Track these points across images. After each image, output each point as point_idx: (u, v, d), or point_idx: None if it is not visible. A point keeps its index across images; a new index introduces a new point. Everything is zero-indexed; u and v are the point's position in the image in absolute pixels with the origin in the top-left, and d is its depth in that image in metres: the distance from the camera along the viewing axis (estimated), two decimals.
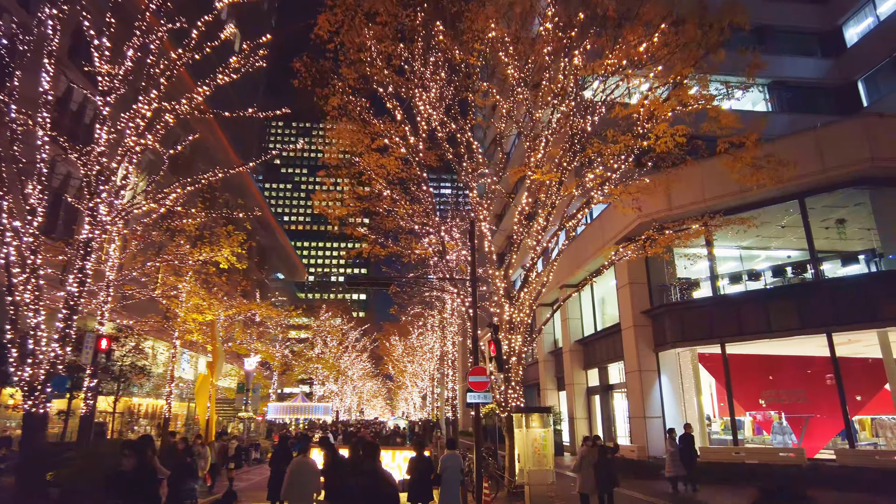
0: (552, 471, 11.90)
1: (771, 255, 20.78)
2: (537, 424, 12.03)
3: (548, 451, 11.88)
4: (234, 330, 31.39)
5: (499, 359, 10.49)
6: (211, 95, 19.46)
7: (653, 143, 12.98)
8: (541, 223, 14.02)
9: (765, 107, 30.45)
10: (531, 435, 11.89)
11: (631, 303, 20.04)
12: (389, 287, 14.13)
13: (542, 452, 11.81)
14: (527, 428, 12.00)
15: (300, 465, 7.89)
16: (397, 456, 15.00)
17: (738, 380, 17.33)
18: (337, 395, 62.94)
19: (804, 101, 29.98)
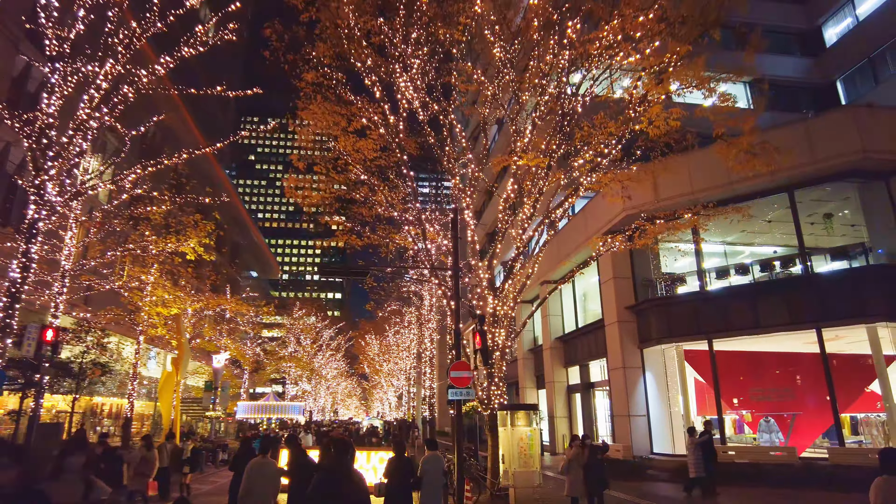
0: (539, 472, 11.19)
1: (755, 252, 20.43)
2: (523, 423, 11.30)
3: (534, 451, 11.16)
4: (202, 326, 30.12)
5: (484, 351, 9.73)
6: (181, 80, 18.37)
7: (645, 126, 12.36)
8: (527, 212, 13.30)
9: (746, 104, 30.34)
10: (517, 434, 11.16)
11: (615, 298, 19.48)
12: (366, 278, 13.24)
13: (529, 453, 11.09)
14: (512, 427, 11.26)
15: (259, 466, 7.02)
16: (372, 457, 14.13)
17: (725, 377, 16.87)
18: (310, 395, 61.58)
19: (785, 99, 29.93)
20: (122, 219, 19.53)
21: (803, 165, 15.73)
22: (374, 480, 13.19)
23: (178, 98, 34.08)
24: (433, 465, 8.27)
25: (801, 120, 16.39)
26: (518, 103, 14.00)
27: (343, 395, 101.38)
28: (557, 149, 13.02)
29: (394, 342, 46.25)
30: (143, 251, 19.48)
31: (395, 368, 49.34)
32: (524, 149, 13.34)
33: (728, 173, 17.01)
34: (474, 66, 14.78)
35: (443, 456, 13.99)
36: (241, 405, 32.61)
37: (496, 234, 13.93)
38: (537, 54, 12.75)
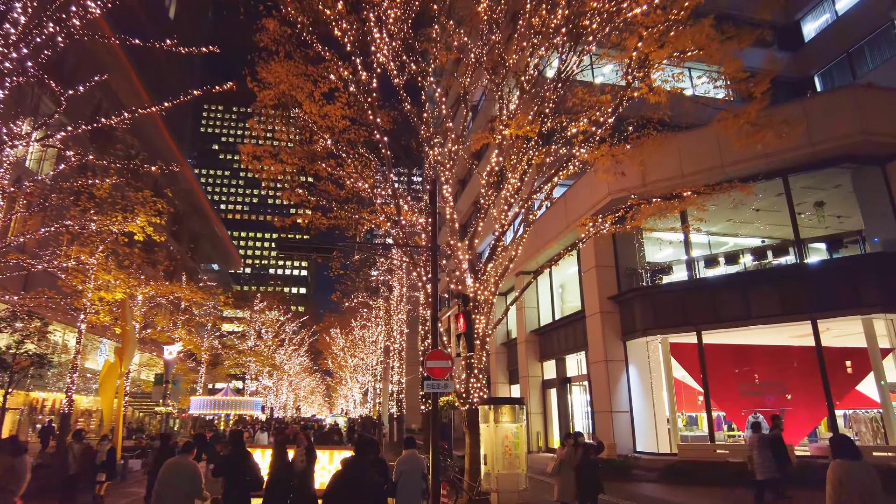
0: (525, 474, 9.94)
1: (738, 243, 19.70)
2: (508, 419, 10.03)
3: (521, 450, 9.90)
4: (154, 315, 27.98)
5: (469, 336, 8.39)
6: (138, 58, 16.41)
7: (645, 92, 11.21)
8: (512, 186, 12.00)
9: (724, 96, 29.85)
10: (501, 432, 9.88)
11: (597, 287, 18.41)
12: (332, 255, 11.66)
13: (514, 452, 9.82)
14: (496, 423, 9.97)
15: (171, 468, 5.99)
16: (336, 457, 12.64)
17: (713, 371, 15.96)
18: (271, 391, 59.33)
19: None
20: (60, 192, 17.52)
21: (801, 148, 14.90)
22: None
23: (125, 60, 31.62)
24: (411, 466, 6.92)
25: (798, 100, 15.57)
26: (505, 68, 12.68)
27: (306, 392, 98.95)
28: (549, 116, 11.76)
29: (360, 336, 44.57)
30: (83, 228, 17.52)
31: (360, 364, 47.67)
32: (511, 116, 12.05)
33: (720, 156, 16.16)
34: (457, 28, 13.42)
35: None
36: (194, 400, 30.52)
37: (478, 212, 12.61)
38: (530, 8, 11.46)
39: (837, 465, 5.02)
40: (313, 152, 14.95)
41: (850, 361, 14.98)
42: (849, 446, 5.12)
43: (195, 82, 75.26)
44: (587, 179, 19.10)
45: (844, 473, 4.95)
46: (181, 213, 53.02)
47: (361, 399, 50.80)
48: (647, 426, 17.22)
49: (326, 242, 11.44)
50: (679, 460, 14.11)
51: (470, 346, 8.31)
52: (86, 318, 20.78)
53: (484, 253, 14.18)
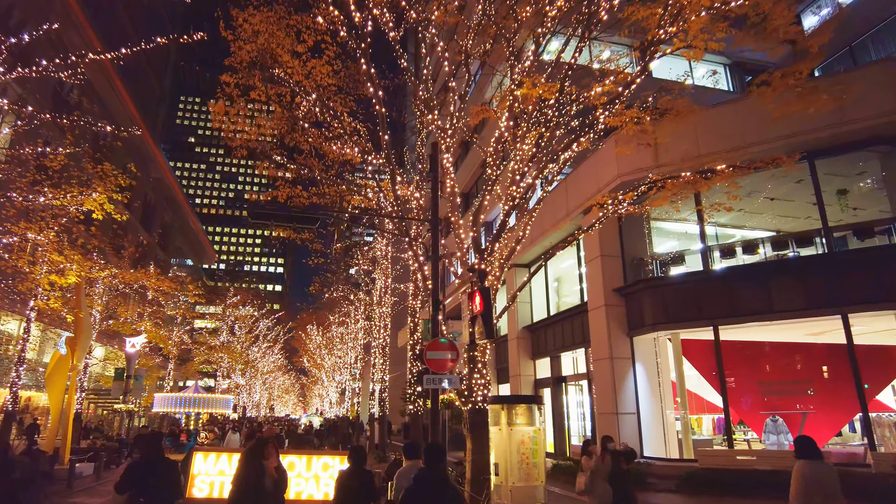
0: (544, 487, 8.40)
1: (746, 236, 18.49)
2: (524, 421, 8.49)
3: (538, 458, 8.37)
4: (117, 305, 25.83)
5: (488, 318, 6.80)
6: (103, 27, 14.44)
7: (680, 47, 9.77)
8: (527, 151, 10.44)
9: (726, 87, 28.91)
10: (516, 436, 8.34)
11: (602, 279, 16.97)
12: (313, 225, 9.88)
13: (531, 461, 8.29)
14: (509, 426, 8.43)
15: None
16: (314, 464, 10.91)
17: (731, 370, 14.64)
18: (244, 390, 56.99)
19: None
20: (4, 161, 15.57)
21: (829, 127, 13.66)
22: (317, 494, 10.15)
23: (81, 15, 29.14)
24: None
25: (832, 74, 14.34)
26: (517, 21, 11.12)
27: (280, 391, 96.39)
28: (571, 69, 10.23)
29: (338, 334, 42.67)
30: (28, 201, 15.52)
31: (338, 362, 45.75)
32: (525, 73, 10.50)
33: (741, 136, 14.85)
34: None
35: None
36: (158, 397, 28.35)
37: (484, 184, 11.04)
38: None
39: (802, 464, 5.39)
40: (294, 120, 13.25)
41: (878, 361, 13.80)
42: (812, 448, 5.49)
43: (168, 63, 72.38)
44: (592, 162, 17.70)
45: (809, 473, 5.30)
46: (152, 202, 50.49)
47: (338, 399, 48.85)
48: (656, 429, 15.85)
49: (308, 211, 9.75)
50: (699, 468, 12.71)
51: (489, 331, 6.74)
52: (35, 306, 18.70)
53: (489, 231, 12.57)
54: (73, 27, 27.96)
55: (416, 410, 16.19)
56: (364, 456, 5.50)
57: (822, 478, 5.25)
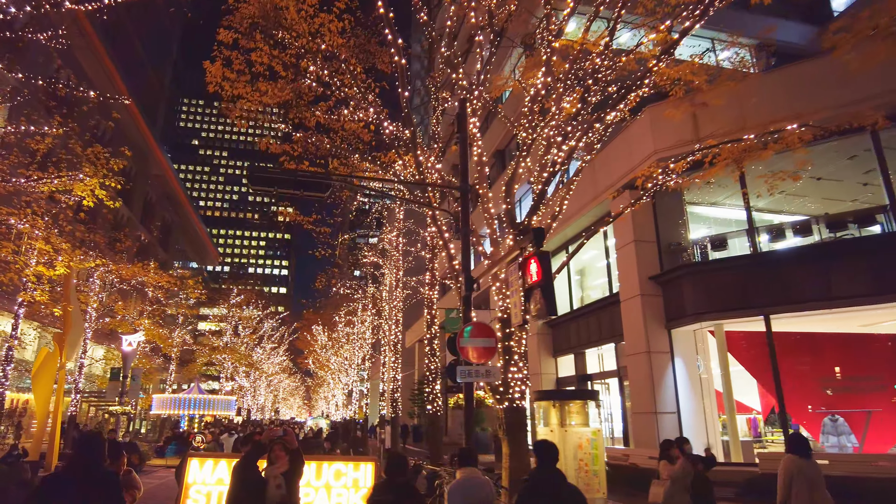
0: (605, 499, 7.01)
1: (784, 222, 17.05)
2: (579, 421, 7.11)
3: (598, 465, 6.98)
4: (114, 301, 24.52)
5: (548, 289, 5.39)
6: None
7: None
8: (568, 109, 9.05)
9: (752, 71, 27.46)
10: (571, 439, 6.94)
11: (636, 266, 15.54)
12: (322, 194, 8.43)
13: (591, 469, 6.90)
14: (561, 427, 7.04)
15: None
16: (325, 471, 9.52)
17: (785, 364, 13.18)
18: (248, 392, 55.66)
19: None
20: None
21: None
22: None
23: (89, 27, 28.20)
24: (474, 495, 3.97)
25: None
26: None
27: (285, 394, 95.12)
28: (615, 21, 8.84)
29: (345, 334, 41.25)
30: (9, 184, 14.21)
31: (345, 363, 44.33)
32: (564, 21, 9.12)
33: (790, 104, 13.40)
34: None
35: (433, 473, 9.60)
36: (157, 399, 27.01)
37: (518, 148, 9.66)
38: None
39: (790, 459, 5.80)
40: (299, 91, 11.90)
41: None
42: (804, 444, 5.90)
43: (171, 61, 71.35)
44: (623, 139, 16.30)
45: (796, 468, 5.74)
46: (152, 200, 49.28)
47: (345, 400, 47.45)
48: (698, 430, 14.41)
49: (317, 175, 8.36)
50: (761, 473, 11.25)
51: (551, 305, 5.35)
52: (24, 300, 17.37)
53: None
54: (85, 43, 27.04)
55: (435, 410, 14.82)
56: (403, 465, 4.15)
57: (808, 473, 5.73)
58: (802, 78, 13.55)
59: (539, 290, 5.55)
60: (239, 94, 11.11)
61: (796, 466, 5.75)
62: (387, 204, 22.94)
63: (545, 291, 5.48)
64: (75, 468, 4.21)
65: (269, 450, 5.19)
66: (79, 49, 28.07)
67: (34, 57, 22.69)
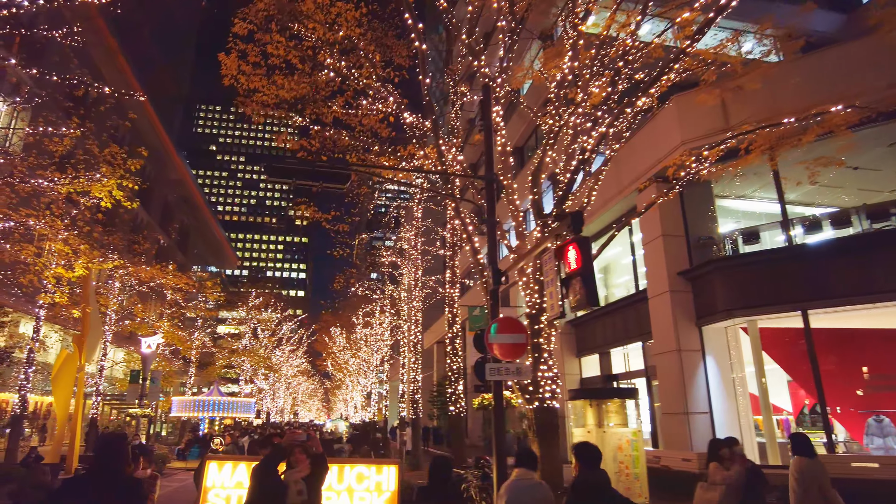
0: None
1: (819, 213, 16.37)
2: (618, 421, 6.70)
3: (640, 468, 6.55)
4: (133, 304, 24.52)
5: (588, 277, 4.96)
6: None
7: None
8: (597, 94, 8.62)
9: (775, 58, 26.67)
10: (610, 440, 6.52)
11: (664, 261, 15.00)
12: (342, 185, 8.09)
13: (632, 472, 6.47)
14: (599, 427, 6.62)
15: None
16: (347, 474, 9.19)
17: (826, 362, 12.56)
18: (268, 395, 55.77)
19: None
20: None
21: None
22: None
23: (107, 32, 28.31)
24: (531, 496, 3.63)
25: None
26: None
27: (304, 396, 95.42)
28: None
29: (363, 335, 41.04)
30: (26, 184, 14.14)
31: (363, 365, 44.15)
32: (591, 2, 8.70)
33: (833, 85, 12.78)
34: None
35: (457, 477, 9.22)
36: (176, 401, 26.98)
37: (543, 137, 9.25)
38: None
39: (798, 461, 5.91)
40: (317, 85, 11.62)
41: None
42: (808, 445, 6.03)
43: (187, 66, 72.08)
44: (648, 131, 15.79)
45: (807, 469, 5.84)
46: (170, 203, 49.58)
47: (364, 402, 47.26)
48: (732, 431, 13.79)
49: (336, 165, 8.04)
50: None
51: (592, 295, 4.90)
52: (43, 302, 17.36)
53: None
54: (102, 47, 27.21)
55: (457, 412, 14.42)
56: (447, 469, 3.81)
57: (815, 473, 5.76)
58: (845, 59, 12.97)
59: (579, 278, 5.14)
60: (255, 87, 10.84)
61: (806, 467, 5.80)
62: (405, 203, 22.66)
63: (586, 279, 5.07)
64: (94, 471, 3.90)
65: (289, 454, 4.85)
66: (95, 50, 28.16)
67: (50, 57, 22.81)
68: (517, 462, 4.08)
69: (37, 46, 18.05)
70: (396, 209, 23.73)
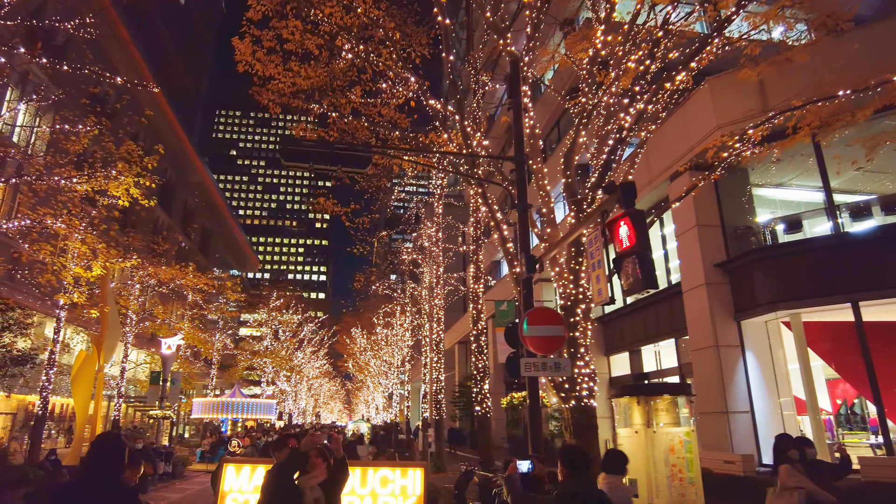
0: None
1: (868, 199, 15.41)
2: (668, 420, 6.07)
3: (695, 472, 5.92)
4: (154, 305, 24.39)
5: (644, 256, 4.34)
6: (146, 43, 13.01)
7: None
8: (634, 69, 7.99)
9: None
10: (661, 441, 5.90)
11: (700, 252, 14.25)
12: (363, 169, 7.59)
13: (686, 476, 5.85)
14: (647, 427, 6.01)
15: None
16: (370, 478, 8.67)
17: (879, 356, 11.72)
18: (289, 396, 55.72)
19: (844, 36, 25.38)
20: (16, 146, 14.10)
21: None
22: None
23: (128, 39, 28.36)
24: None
25: None
26: None
27: (326, 398, 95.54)
28: None
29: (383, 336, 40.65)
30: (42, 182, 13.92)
31: (384, 366, 43.78)
32: None
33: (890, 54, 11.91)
34: None
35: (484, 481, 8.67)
36: (196, 402, 26.80)
37: (578, 114, 8.64)
38: None
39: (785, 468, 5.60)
40: (334, 73, 11.17)
41: None
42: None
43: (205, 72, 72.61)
44: (680, 117, 15.05)
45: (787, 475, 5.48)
46: (191, 207, 49.78)
47: (385, 403, 46.88)
48: (775, 431, 12.88)
49: (355, 147, 7.53)
50: (864, 481, 9.88)
51: (649, 277, 4.30)
52: (64, 303, 17.19)
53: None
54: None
55: (483, 412, 13.85)
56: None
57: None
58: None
59: (633, 257, 4.53)
60: (270, 74, 10.41)
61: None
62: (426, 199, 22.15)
63: (641, 258, 4.46)
64: (87, 477, 3.43)
65: (306, 459, 4.35)
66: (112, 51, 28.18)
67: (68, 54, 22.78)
68: (605, 467, 3.59)
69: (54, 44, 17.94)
70: (417, 205, 23.26)
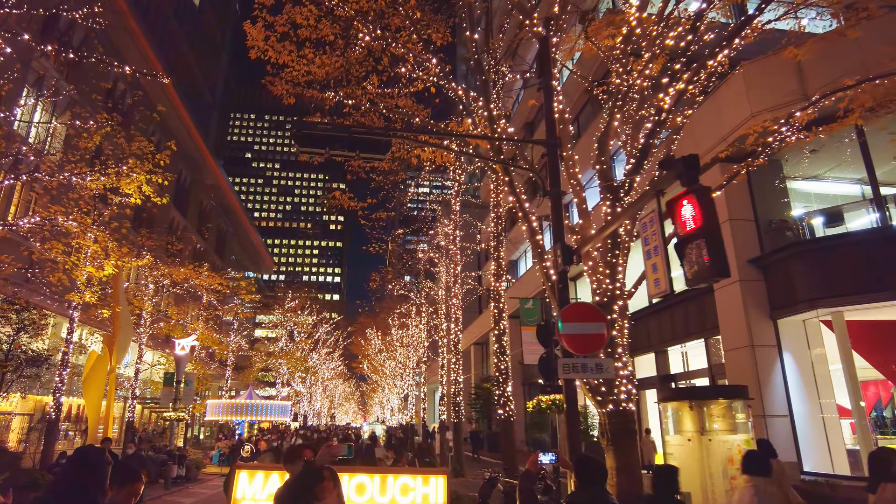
0: None
1: None
2: (724, 426, 5.46)
3: None
4: (167, 305, 24.13)
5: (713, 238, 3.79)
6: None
7: None
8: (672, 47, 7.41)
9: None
10: (717, 450, 5.28)
11: (733, 248, 13.51)
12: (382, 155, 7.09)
13: None
14: (701, 434, 5.42)
15: None
16: (390, 485, 8.14)
17: None
18: (304, 397, 55.49)
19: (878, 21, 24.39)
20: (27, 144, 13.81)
21: None
22: None
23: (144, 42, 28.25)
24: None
25: None
26: None
27: (340, 399, 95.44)
28: None
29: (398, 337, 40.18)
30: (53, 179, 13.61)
31: (399, 368, 43.32)
32: None
33: None
34: None
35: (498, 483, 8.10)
36: (210, 404, 26.49)
37: (612, 96, 8.07)
38: None
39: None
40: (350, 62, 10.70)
41: None
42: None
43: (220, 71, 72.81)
44: (711, 105, 14.38)
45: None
46: (207, 208, 49.80)
47: (401, 405, 46.42)
48: (816, 437, 12.31)
49: (374, 131, 7.03)
50: None
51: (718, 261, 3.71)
52: (76, 303, 16.90)
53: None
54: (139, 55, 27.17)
55: (506, 415, 13.29)
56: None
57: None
58: None
59: (701, 240, 3.96)
60: (283, 62, 9.95)
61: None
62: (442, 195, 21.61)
63: (710, 241, 3.88)
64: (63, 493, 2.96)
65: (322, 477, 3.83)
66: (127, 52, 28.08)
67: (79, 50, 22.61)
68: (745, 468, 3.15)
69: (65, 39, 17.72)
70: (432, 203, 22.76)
